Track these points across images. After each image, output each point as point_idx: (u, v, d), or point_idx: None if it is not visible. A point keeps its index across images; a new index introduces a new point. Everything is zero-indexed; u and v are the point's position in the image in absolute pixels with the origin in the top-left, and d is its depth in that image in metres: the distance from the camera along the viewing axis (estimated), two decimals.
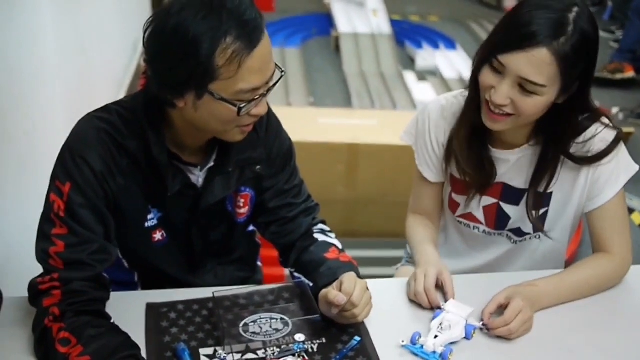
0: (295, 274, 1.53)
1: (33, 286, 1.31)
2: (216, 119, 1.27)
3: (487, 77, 1.43)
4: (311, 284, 1.44)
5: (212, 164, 1.42)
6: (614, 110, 3.92)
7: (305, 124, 3.02)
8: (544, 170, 1.54)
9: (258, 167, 1.48)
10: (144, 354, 1.28)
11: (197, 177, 1.41)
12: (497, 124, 1.47)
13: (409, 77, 4.64)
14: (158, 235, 1.45)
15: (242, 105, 1.24)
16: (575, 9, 1.38)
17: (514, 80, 1.39)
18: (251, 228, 1.64)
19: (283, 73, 1.31)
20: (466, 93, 1.56)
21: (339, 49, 5.10)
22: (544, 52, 1.36)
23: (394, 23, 5.50)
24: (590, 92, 1.48)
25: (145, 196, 1.39)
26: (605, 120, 1.53)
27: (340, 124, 3.02)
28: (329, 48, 5.38)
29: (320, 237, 1.53)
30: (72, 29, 2.22)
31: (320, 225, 1.58)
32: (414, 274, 1.50)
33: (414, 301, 1.48)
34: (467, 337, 1.38)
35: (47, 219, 1.32)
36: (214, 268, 1.58)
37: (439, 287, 1.48)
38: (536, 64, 1.36)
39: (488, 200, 1.64)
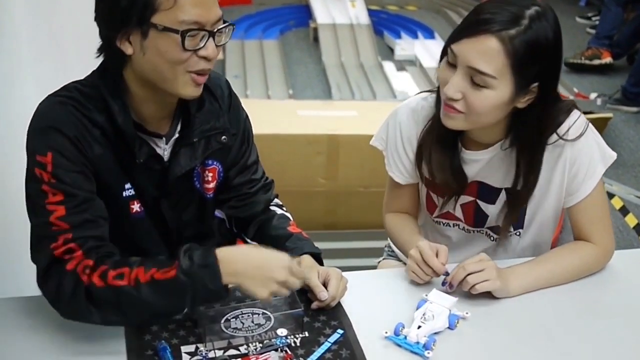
0: None
1: (44, 257, 1.27)
2: (164, 58, 1.26)
3: (443, 71, 1.44)
4: None
5: (177, 135, 1.43)
6: (592, 96, 3.95)
7: (285, 116, 3.00)
8: (522, 172, 1.53)
9: (224, 137, 1.48)
10: (124, 353, 1.27)
11: (163, 149, 1.42)
12: (451, 120, 1.46)
13: (388, 67, 4.63)
14: (136, 207, 1.43)
15: (184, 32, 1.23)
16: (536, 8, 1.38)
17: (465, 72, 1.39)
18: (221, 215, 1.64)
19: (233, 26, 1.32)
20: (434, 95, 1.57)
21: (317, 40, 5.08)
22: (492, 41, 1.36)
23: (372, 13, 5.49)
24: (554, 99, 1.47)
25: (120, 166, 1.38)
26: (576, 113, 1.52)
27: (320, 116, 3.01)
28: (308, 39, 5.36)
29: (277, 210, 1.62)
30: (46, 27, 2.18)
31: (276, 200, 1.65)
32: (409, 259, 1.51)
33: (410, 283, 1.49)
34: (451, 327, 1.38)
35: (37, 194, 1.29)
36: None
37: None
38: (483, 51, 1.36)
39: (465, 198, 1.63)
